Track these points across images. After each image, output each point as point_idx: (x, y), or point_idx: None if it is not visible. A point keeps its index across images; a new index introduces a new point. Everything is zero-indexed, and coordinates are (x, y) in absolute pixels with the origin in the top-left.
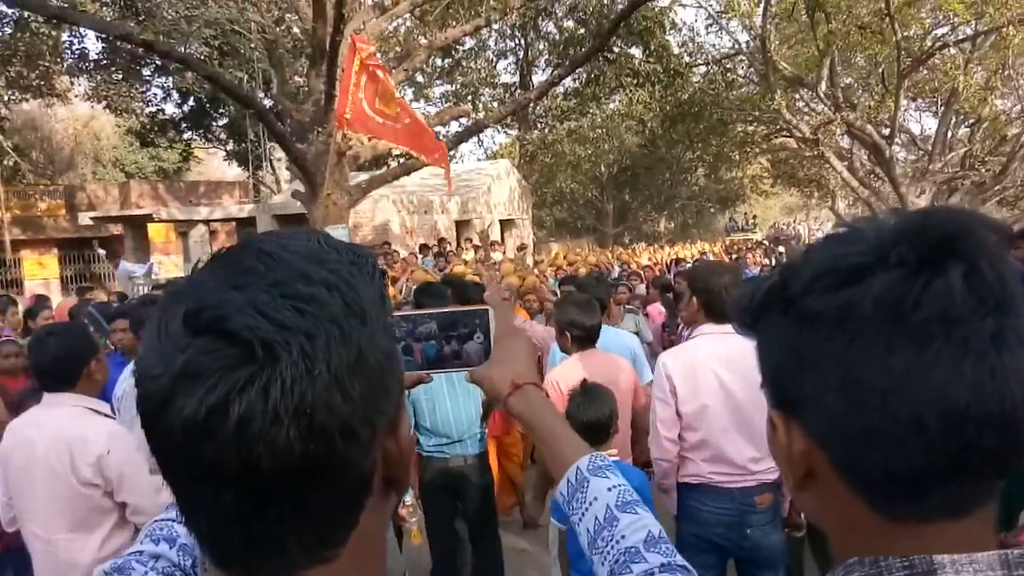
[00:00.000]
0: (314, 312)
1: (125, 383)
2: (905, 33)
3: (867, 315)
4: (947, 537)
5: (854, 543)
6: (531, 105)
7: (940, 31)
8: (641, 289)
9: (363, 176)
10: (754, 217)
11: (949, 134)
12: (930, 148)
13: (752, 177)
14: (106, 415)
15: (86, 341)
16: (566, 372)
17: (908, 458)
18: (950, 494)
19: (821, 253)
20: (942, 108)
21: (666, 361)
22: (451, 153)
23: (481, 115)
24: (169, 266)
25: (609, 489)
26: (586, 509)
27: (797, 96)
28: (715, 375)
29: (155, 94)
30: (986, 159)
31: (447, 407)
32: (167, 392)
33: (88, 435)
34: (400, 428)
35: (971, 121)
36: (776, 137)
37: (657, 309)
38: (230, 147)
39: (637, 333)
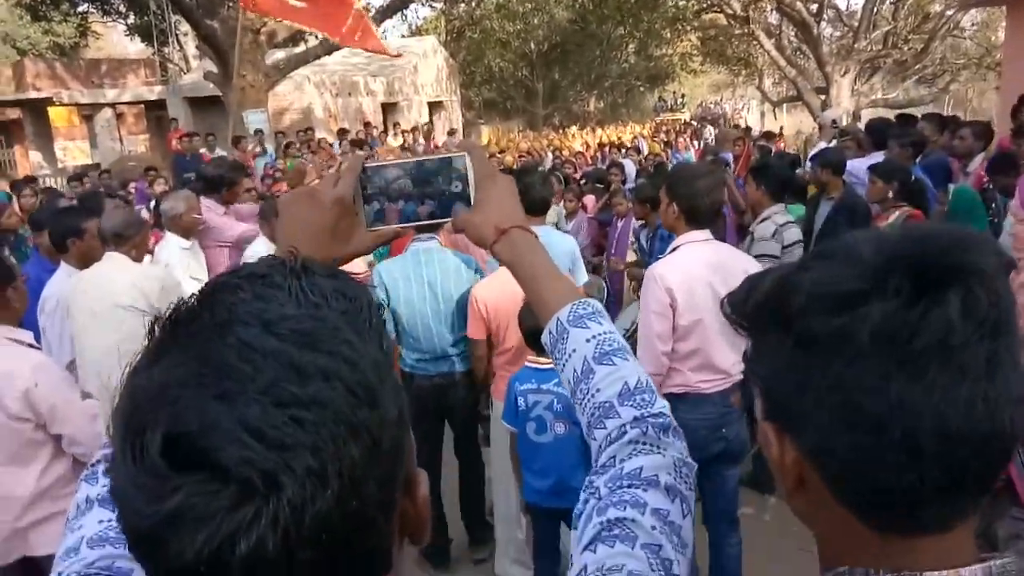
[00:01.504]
0: (315, 419)
1: (54, 297)
2: None
3: (865, 342)
4: (935, 551)
5: (843, 550)
6: None
7: None
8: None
9: (281, 55)
10: (683, 96)
11: (875, 10)
12: (856, 25)
13: (682, 55)
14: (30, 344)
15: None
16: (492, 285)
17: (901, 478)
18: (940, 511)
19: (818, 272)
20: None
21: (663, 274)
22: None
23: None
24: (75, 152)
25: (588, 340)
26: (566, 361)
27: None
28: (710, 286)
29: None
30: (908, 37)
31: (429, 322)
32: (158, 534)
33: (12, 369)
34: (418, 489)
35: None
36: (707, 13)
37: (591, 201)
38: (131, 20)
39: (556, 225)
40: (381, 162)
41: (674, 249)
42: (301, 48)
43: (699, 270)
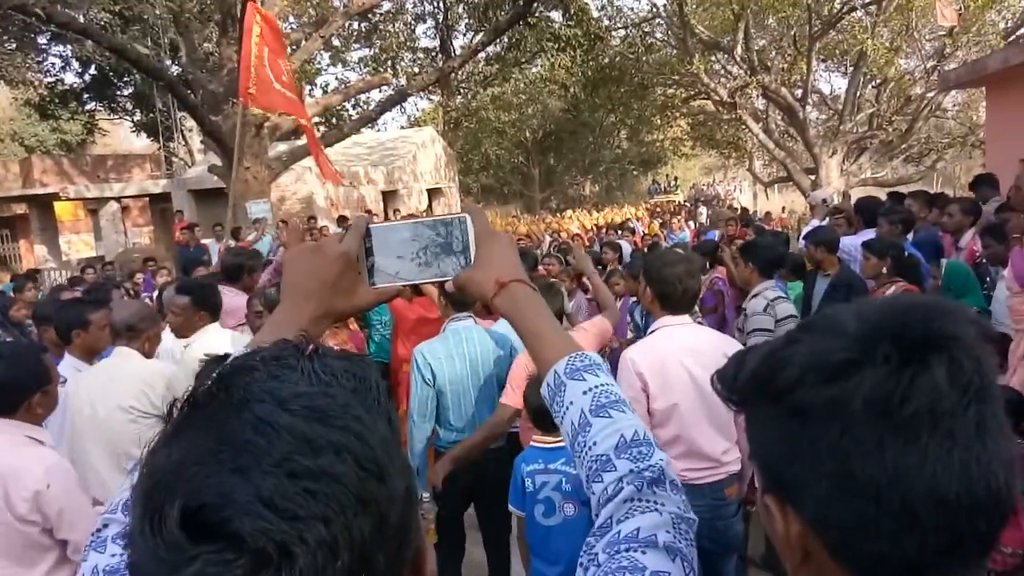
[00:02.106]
0: (327, 491)
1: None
2: None
3: (857, 410)
4: None
5: None
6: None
7: None
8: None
9: (284, 147)
10: (675, 179)
11: (858, 94)
12: (840, 108)
13: (672, 140)
14: (45, 443)
15: (35, 370)
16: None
17: (902, 545)
18: (943, 574)
19: (806, 345)
20: (851, 69)
21: (634, 358)
22: (374, 122)
23: (402, 81)
24: (80, 245)
25: (584, 392)
26: (564, 414)
27: (714, 59)
28: (684, 368)
29: (53, 63)
30: (892, 118)
31: (472, 399)
32: None
33: (23, 468)
34: (425, 565)
35: (878, 82)
36: (695, 100)
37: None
38: (137, 117)
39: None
40: (385, 223)
41: (651, 332)
42: (303, 140)
43: (674, 353)
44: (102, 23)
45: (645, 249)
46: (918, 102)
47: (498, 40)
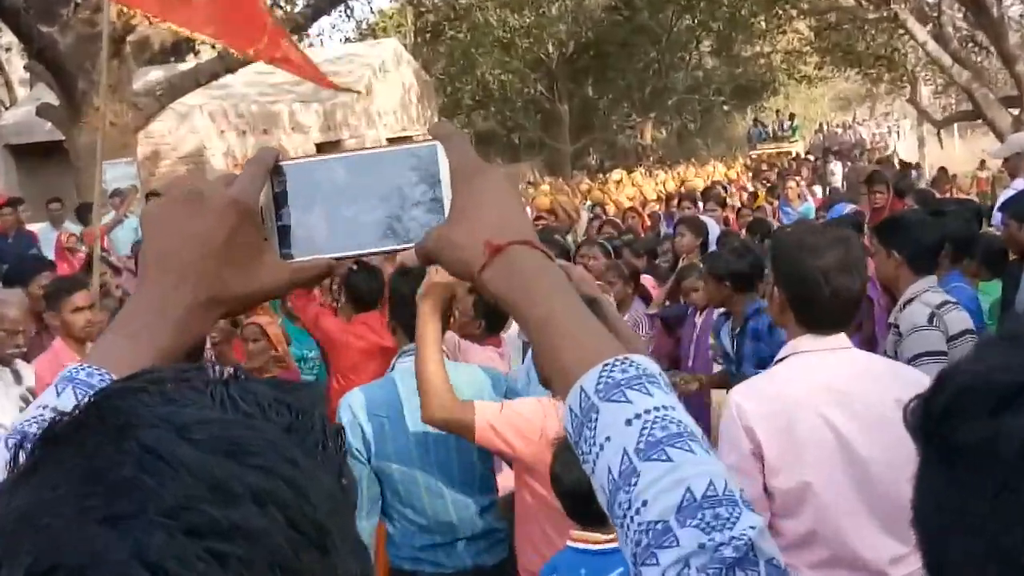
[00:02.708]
0: (243, 555)
1: None
2: None
3: (1012, 458)
4: None
5: None
6: None
7: None
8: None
9: (158, 74)
10: (791, 117)
11: None
12: None
13: (786, 54)
14: None
15: None
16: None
17: None
18: None
19: (979, 358)
20: None
21: (742, 404)
22: (303, 35)
23: None
24: None
25: (629, 422)
26: (597, 456)
27: None
28: (827, 425)
29: None
30: None
31: (438, 484)
32: None
33: None
34: None
35: None
36: None
37: (651, 282)
38: None
39: None
40: (305, 157)
41: (778, 361)
42: (189, 63)
43: (810, 398)
44: None
45: (743, 231)
46: None
47: None
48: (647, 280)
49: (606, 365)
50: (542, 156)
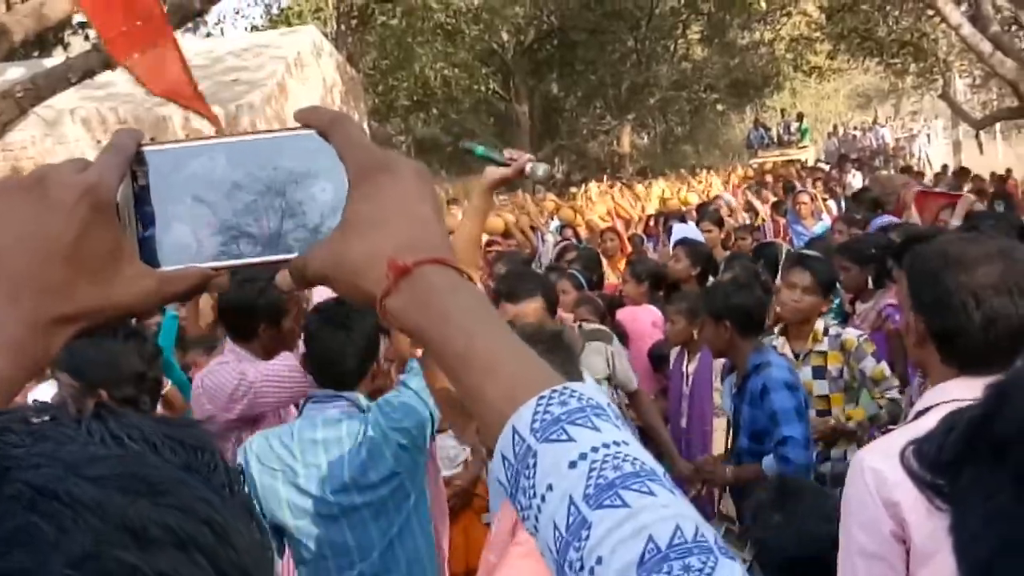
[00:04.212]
0: None
1: None
2: None
3: None
4: None
5: None
6: None
7: None
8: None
9: (18, 71)
10: (799, 118)
11: None
12: None
13: (792, 40)
14: None
15: None
16: None
17: None
18: None
19: None
20: None
21: (880, 470)
22: (197, 18)
23: None
24: None
25: (573, 464)
26: (539, 508)
27: None
28: None
29: None
30: None
31: (346, 548)
32: None
33: None
34: None
35: None
36: None
37: (648, 315)
38: None
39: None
40: (172, 143)
41: (920, 414)
42: (58, 58)
43: None
44: None
45: (751, 253)
46: None
47: None
48: (652, 314)
49: (541, 399)
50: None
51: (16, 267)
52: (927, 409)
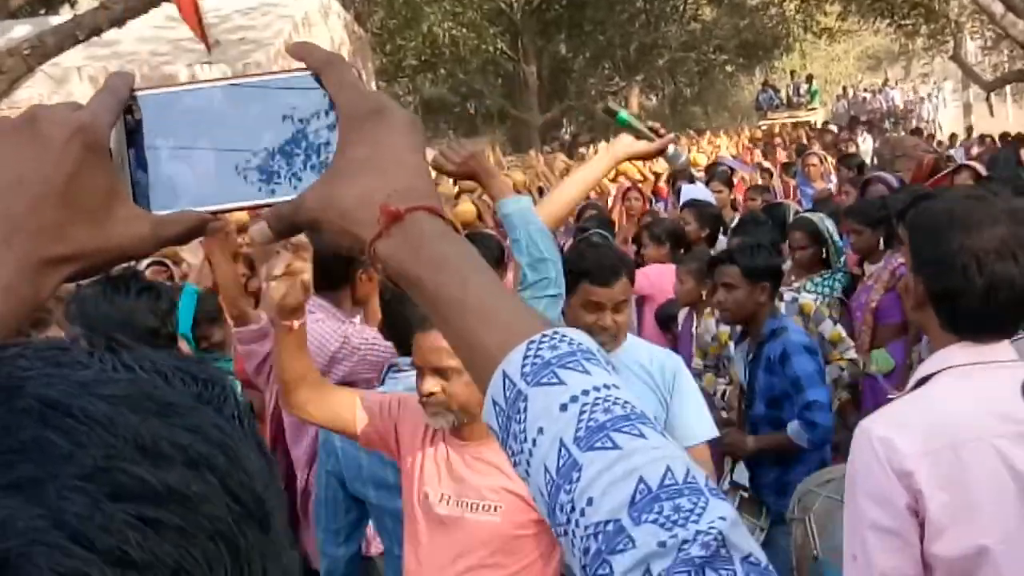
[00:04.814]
0: (180, 523)
1: None
2: None
3: None
4: None
5: None
6: None
7: None
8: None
9: (24, 28)
10: (809, 80)
11: None
12: None
13: (802, 1)
14: None
15: None
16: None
17: None
18: None
19: None
20: None
21: (891, 439)
22: None
23: None
24: None
25: (564, 407)
26: (530, 453)
27: None
28: (1007, 467)
29: None
30: None
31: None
32: None
33: None
34: None
35: None
36: None
37: (660, 274)
38: None
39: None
40: (165, 87)
41: (921, 381)
42: (64, 15)
43: (980, 432)
44: None
45: (763, 216)
46: None
47: None
48: (654, 274)
49: (531, 342)
50: (505, 129)
51: (6, 210)
52: (928, 377)
